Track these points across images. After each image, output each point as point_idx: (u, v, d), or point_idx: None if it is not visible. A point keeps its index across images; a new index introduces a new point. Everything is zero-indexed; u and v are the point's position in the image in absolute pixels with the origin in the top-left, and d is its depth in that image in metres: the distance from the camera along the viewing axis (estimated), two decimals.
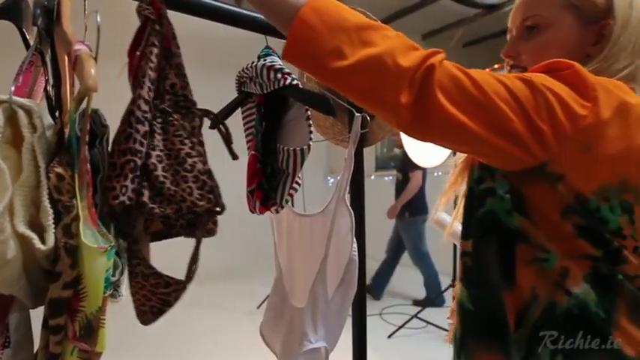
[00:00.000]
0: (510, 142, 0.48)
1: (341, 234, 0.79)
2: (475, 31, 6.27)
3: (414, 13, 5.55)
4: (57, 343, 0.51)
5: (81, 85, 0.50)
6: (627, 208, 0.51)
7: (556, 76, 0.51)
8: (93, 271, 0.49)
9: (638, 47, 0.58)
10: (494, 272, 0.58)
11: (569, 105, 0.48)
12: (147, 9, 0.61)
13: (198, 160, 0.61)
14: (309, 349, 0.77)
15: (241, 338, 2.83)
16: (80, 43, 0.53)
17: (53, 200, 0.49)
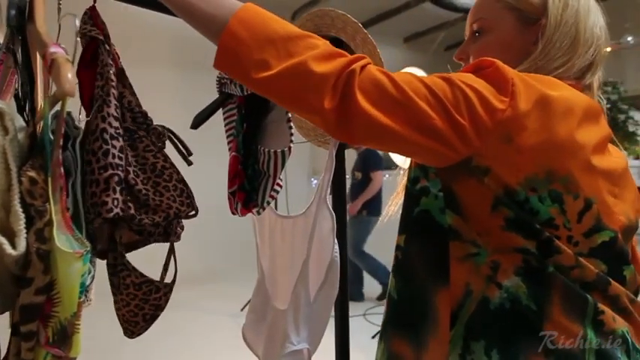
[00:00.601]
0: (432, 139, 0.49)
1: (323, 235, 0.79)
2: (456, 34, 6.39)
3: (396, 17, 5.61)
4: (29, 349, 0.49)
5: (57, 88, 0.50)
6: (557, 198, 0.52)
7: (480, 74, 0.53)
8: (68, 277, 0.49)
9: (572, 45, 0.60)
10: (423, 268, 0.60)
11: (488, 99, 0.49)
12: (92, 30, 0.62)
13: (173, 171, 0.66)
14: (292, 351, 0.77)
15: (225, 340, 2.80)
16: (56, 46, 0.53)
17: (25, 204, 0.48)
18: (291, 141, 0.78)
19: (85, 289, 0.52)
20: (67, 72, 0.49)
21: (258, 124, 0.83)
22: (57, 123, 0.51)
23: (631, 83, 4.61)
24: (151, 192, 0.62)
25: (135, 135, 0.64)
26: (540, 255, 0.52)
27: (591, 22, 0.62)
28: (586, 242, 0.53)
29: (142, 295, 0.62)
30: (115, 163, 0.57)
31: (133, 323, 0.65)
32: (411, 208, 0.62)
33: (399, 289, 0.62)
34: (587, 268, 0.53)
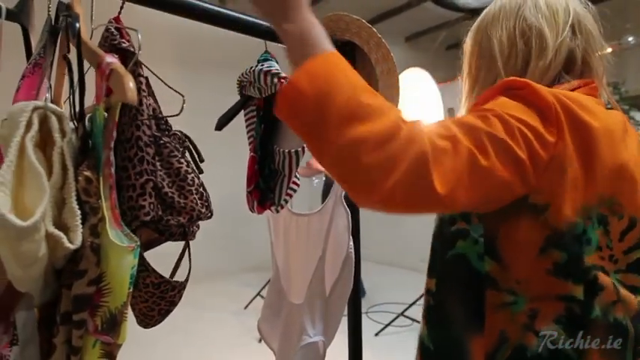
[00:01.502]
0: (498, 189, 0.48)
1: (338, 232, 0.82)
2: (457, 34, 6.37)
3: (397, 16, 5.63)
4: (79, 337, 0.53)
5: (117, 95, 0.53)
6: (602, 220, 0.52)
7: (515, 97, 0.51)
8: (119, 269, 0.52)
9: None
10: (458, 315, 0.58)
11: (541, 134, 0.48)
12: (122, 42, 0.64)
13: (194, 176, 0.70)
14: (308, 343, 0.80)
15: (228, 338, 2.83)
16: (111, 56, 0.56)
17: (80, 202, 0.51)
18: None
19: (133, 280, 0.55)
20: (129, 81, 0.53)
21: (274, 126, 0.86)
22: (108, 127, 0.54)
23: (632, 83, 4.64)
24: (176, 195, 0.65)
25: (160, 141, 0.67)
26: (585, 300, 0.51)
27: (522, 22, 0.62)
28: (624, 259, 0.53)
29: (160, 293, 0.66)
30: (150, 170, 0.60)
31: (149, 317, 0.69)
32: (444, 250, 0.59)
33: (433, 339, 0.60)
34: (629, 299, 0.52)
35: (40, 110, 0.49)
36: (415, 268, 4.72)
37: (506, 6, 0.65)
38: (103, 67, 0.55)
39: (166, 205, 0.64)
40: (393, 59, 0.92)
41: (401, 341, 2.81)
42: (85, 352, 0.54)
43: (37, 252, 0.46)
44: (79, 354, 0.54)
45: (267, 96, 0.82)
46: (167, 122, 0.70)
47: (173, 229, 0.64)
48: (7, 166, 0.44)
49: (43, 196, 0.46)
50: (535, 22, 0.61)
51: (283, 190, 0.82)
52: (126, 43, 0.65)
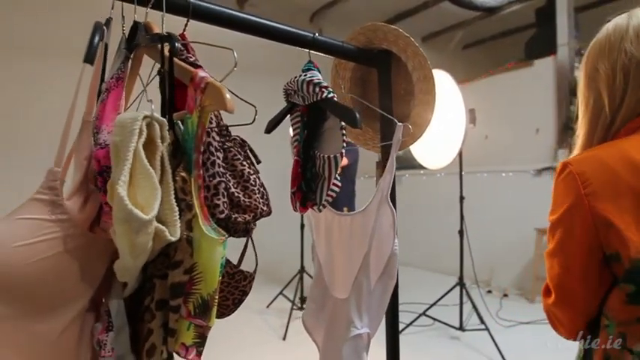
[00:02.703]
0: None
1: (383, 230, 0.87)
2: (474, 33, 6.39)
3: (414, 16, 5.65)
4: (176, 320, 0.60)
5: (215, 106, 0.60)
6: None
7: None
8: (211, 259, 0.59)
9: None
10: None
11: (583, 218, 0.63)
12: (189, 56, 0.71)
13: (256, 177, 0.76)
14: (356, 335, 0.86)
15: (253, 337, 2.91)
16: (203, 70, 0.63)
17: (177, 199, 0.58)
18: (343, 147, 0.87)
19: (223, 269, 0.62)
20: (225, 93, 0.59)
21: (316, 132, 0.92)
22: (198, 133, 0.61)
23: None
24: (241, 195, 0.71)
25: (224, 145, 0.73)
26: None
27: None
28: None
29: (234, 283, 0.72)
30: (221, 172, 0.67)
31: (224, 306, 0.75)
32: None
33: None
34: None
35: (147, 119, 0.56)
36: (435, 269, 4.74)
37: (611, 37, 0.70)
38: (197, 81, 0.62)
39: (234, 204, 0.70)
40: (430, 66, 0.97)
41: (422, 341, 2.84)
42: (181, 334, 0.61)
43: (147, 244, 0.53)
44: (175, 335, 0.61)
45: (309, 103, 0.89)
46: (227, 128, 0.77)
47: (239, 226, 0.70)
48: (127, 168, 0.51)
49: (156, 194, 0.53)
50: (635, 54, 0.67)
51: (324, 191, 0.87)
52: (192, 58, 0.72)
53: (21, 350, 0.58)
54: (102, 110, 0.64)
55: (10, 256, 0.54)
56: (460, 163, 2.95)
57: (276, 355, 2.66)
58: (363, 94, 1.14)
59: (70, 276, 0.59)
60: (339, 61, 1.11)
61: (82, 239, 0.60)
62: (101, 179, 0.62)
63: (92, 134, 0.63)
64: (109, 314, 0.64)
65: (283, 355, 2.67)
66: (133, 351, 0.66)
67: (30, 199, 0.58)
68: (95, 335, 0.64)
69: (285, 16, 4.94)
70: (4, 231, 0.55)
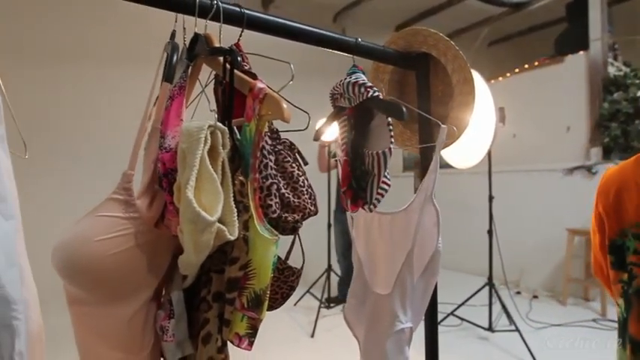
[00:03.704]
0: None
1: (426, 229, 0.90)
2: (500, 29, 6.27)
3: (438, 14, 5.59)
4: (231, 312, 0.64)
5: (274, 115, 0.64)
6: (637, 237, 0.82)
7: None
8: (265, 257, 0.63)
9: None
10: None
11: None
12: (244, 65, 0.75)
13: (304, 178, 0.79)
14: (400, 329, 0.88)
15: (281, 334, 2.96)
16: (261, 82, 0.67)
17: (235, 201, 0.62)
18: (392, 142, 0.89)
19: (275, 266, 0.66)
20: (283, 103, 0.63)
21: (363, 131, 0.95)
22: (255, 140, 0.65)
23: None
24: (291, 195, 0.75)
25: (275, 148, 0.77)
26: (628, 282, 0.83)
27: None
28: None
29: (283, 278, 0.76)
30: (273, 174, 0.71)
31: (273, 300, 0.79)
32: None
33: None
34: None
35: (211, 128, 0.61)
36: (462, 269, 4.68)
37: None
38: (255, 92, 0.66)
39: (284, 204, 0.74)
40: (470, 69, 0.98)
41: (450, 340, 2.83)
42: (235, 325, 0.66)
43: (209, 242, 0.58)
44: (229, 325, 0.66)
45: (356, 104, 0.91)
46: (278, 132, 0.81)
47: (289, 224, 0.74)
48: (194, 173, 0.56)
49: (219, 197, 0.58)
50: None
51: (374, 189, 0.89)
52: (247, 66, 0.77)
53: (98, 330, 0.65)
54: (166, 117, 0.69)
55: (93, 249, 0.60)
56: (489, 163, 2.92)
57: (306, 352, 2.70)
58: (401, 96, 1.17)
59: (140, 268, 0.64)
60: (377, 65, 1.14)
61: (150, 235, 0.65)
62: (166, 181, 0.67)
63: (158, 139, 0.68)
64: (170, 303, 0.69)
65: (312, 351, 2.71)
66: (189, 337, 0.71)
67: (108, 199, 0.64)
68: (158, 321, 0.70)
69: (308, 16, 4.98)
70: (87, 227, 0.61)
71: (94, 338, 0.66)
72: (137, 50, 3.45)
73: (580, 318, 3.20)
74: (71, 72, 3.78)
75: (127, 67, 3.77)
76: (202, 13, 0.74)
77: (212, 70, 0.78)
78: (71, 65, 3.80)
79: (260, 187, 0.70)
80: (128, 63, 3.79)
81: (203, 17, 0.74)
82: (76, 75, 3.79)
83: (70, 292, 0.65)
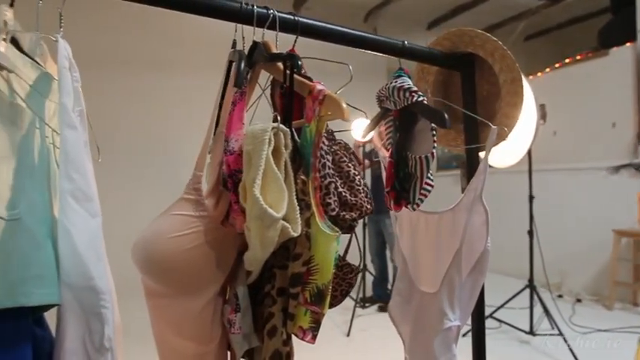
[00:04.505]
0: None
1: (475, 228, 0.90)
2: (537, 23, 6.05)
3: (471, 10, 5.47)
4: (294, 306, 0.68)
5: (334, 115, 0.68)
6: None
7: None
8: (327, 253, 0.66)
9: None
10: None
11: None
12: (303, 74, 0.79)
13: (360, 177, 0.81)
14: (448, 327, 0.90)
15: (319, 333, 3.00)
16: (320, 84, 0.71)
17: (298, 199, 0.66)
18: (434, 147, 0.90)
19: (336, 262, 0.70)
20: (343, 103, 0.67)
21: (408, 134, 0.97)
22: (315, 140, 0.69)
23: None
24: (348, 194, 0.78)
25: (331, 149, 0.80)
26: None
27: None
28: None
29: (342, 275, 0.79)
30: (331, 173, 0.74)
31: (333, 297, 0.82)
32: None
33: None
34: None
35: (274, 129, 0.65)
36: (500, 271, 4.57)
37: None
38: (315, 94, 0.70)
39: (341, 203, 0.77)
40: (519, 69, 0.98)
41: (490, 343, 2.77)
42: (299, 318, 0.69)
43: (275, 238, 0.62)
44: (294, 319, 0.70)
45: (401, 108, 0.93)
46: (333, 133, 0.84)
47: (346, 223, 0.77)
48: (260, 173, 0.60)
49: (284, 195, 0.62)
50: None
51: (417, 190, 0.91)
52: (303, 70, 0.80)
53: (172, 322, 0.70)
54: (229, 121, 0.74)
55: (167, 245, 0.65)
56: (529, 162, 2.85)
57: (342, 351, 2.73)
58: (445, 96, 1.17)
59: (209, 263, 0.69)
60: (422, 66, 1.15)
61: (217, 233, 0.70)
62: (231, 181, 0.71)
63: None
64: (236, 297, 0.73)
65: (348, 351, 2.74)
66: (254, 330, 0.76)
67: (180, 198, 0.69)
68: (225, 315, 0.75)
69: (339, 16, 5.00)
70: (163, 224, 0.67)
71: (169, 329, 0.72)
72: (200, 59, 3.78)
73: (628, 324, 3.05)
74: (141, 80, 4.05)
75: (191, 74, 4.06)
76: (259, 22, 0.78)
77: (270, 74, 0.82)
78: (141, 74, 4.06)
79: (320, 186, 0.74)
80: (192, 71, 4.05)
81: (260, 26, 0.79)
82: (145, 83, 4.06)
83: (147, 286, 0.71)
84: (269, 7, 0.80)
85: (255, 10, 0.77)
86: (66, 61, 0.64)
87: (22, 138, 0.57)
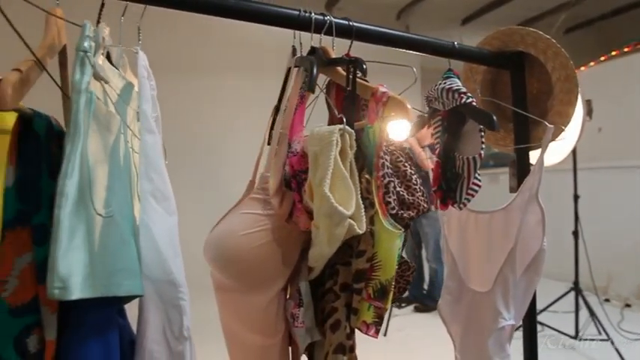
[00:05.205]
0: None
1: (530, 227, 0.90)
2: (579, 14, 5.80)
3: (507, 4, 5.32)
4: (358, 301, 0.71)
5: (398, 116, 0.70)
6: None
7: None
8: (390, 250, 0.69)
9: None
10: None
11: None
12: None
13: (417, 177, 0.82)
14: (503, 326, 0.90)
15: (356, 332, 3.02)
16: (383, 86, 0.73)
17: (362, 198, 0.69)
18: (482, 148, 0.91)
19: (399, 259, 0.73)
20: (407, 104, 0.69)
21: (455, 135, 0.97)
22: (379, 140, 0.72)
23: None
24: (405, 193, 0.80)
25: (388, 149, 0.82)
26: None
27: None
28: None
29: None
30: (389, 173, 0.77)
31: None
32: None
33: None
34: None
35: (341, 131, 0.68)
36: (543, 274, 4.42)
37: None
38: (378, 96, 0.73)
39: (399, 202, 0.79)
40: (572, 66, 0.96)
41: None
42: (362, 313, 0.72)
43: (342, 235, 0.65)
44: (357, 314, 0.73)
45: (449, 109, 0.94)
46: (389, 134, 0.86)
47: (404, 221, 0.79)
48: (329, 173, 0.63)
49: (352, 194, 0.65)
50: None
51: (464, 190, 0.92)
52: (359, 74, 0.83)
53: (240, 315, 0.75)
54: (292, 124, 0.77)
55: (239, 242, 0.70)
56: (574, 160, 2.75)
57: (378, 351, 2.74)
58: (493, 95, 1.17)
59: (276, 259, 0.73)
60: (470, 66, 1.15)
61: (284, 231, 0.74)
62: (294, 181, 0.75)
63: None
64: (299, 293, 0.77)
65: (385, 351, 2.74)
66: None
67: (249, 198, 0.74)
68: (288, 310, 0.78)
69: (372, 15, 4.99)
70: (234, 222, 0.71)
71: (237, 322, 0.77)
72: (257, 64, 4.02)
73: None
74: (205, 83, 4.21)
75: (252, 79, 4.16)
76: (317, 28, 0.82)
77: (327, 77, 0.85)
78: (206, 78, 4.23)
79: (381, 185, 0.76)
80: (252, 75, 4.19)
81: (317, 32, 0.82)
82: (209, 86, 4.20)
83: (217, 280, 0.76)
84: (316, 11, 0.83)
85: (312, 17, 0.81)
86: (145, 70, 0.69)
87: (113, 142, 0.63)
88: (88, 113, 0.54)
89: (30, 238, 0.56)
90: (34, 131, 0.56)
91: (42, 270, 0.57)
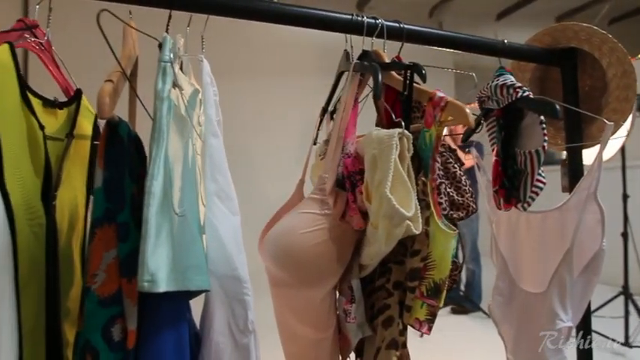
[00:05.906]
0: None
1: (588, 227, 0.88)
2: (624, 4, 5.52)
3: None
4: (412, 299, 0.73)
5: (458, 120, 0.72)
6: None
7: None
8: (445, 250, 0.71)
9: None
10: None
11: None
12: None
13: (465, 178, 0.83)
14: (561, 327, 0.88)
15: None
16: (441, 91, 0.75)
17: (419, 199, 0.71)
18: (545, 140, 0.88)
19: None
20: (466, 109, 0.71)
21: (514, 131, 0.96)
22: (436, 143, 0.73)
23: None
24: (455, 194, 0.80)
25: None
26: None
27: None
28: None
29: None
30: (441, 174, 0.78)
31: None
32: None
33: None
34: None
35: (400, 134, 0.70)
36: None
37: None
38: (436, 100, 0.74)
39: (450, 203, 0.80)
40: (630, 61, 0.93)
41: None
42: (415, 311, 0.74)
43: (400, 235, 0.66)
44: (410, 311, 0.74)
45: (504, 105, 0.93)
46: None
47: (454, 222, 0.80)
48: (390, 175, 0.65)
49: (412, 195, 0.66)
50: None
51: (528, 187, 0.90)
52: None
53: (295, 309, 0.78)
54: (347, 126, 0.80)
55: (298, 240, 0.73)
56: (622, 157, 2.63)
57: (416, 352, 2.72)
58: (542, 93, 1.15)
59: (332, 257, 0.75)
60: (518, 64, 1.13)
61: (339, 229, 0.76)
62: (349, 182, 0.77)
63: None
64: (351, 289, 0.79)
65: (422, 352, 2.71)
66: None
67: (307, 198, 0.76)
68: (340, 305, 0.81)
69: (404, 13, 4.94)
70: (293, 221, 0.74)
71: (292, 316, 0.80)
72: (299, 66, 4.15)
73: None
74: (250, 85, 4.33)
75: (295, 80, 4.27)
76: (368, 32, 0.84)
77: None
78: (248, 80, 4.36)
79: (436, 187, 0.77)
80: (293, 77, 4.30)
81: (369, 35, 0.84)
82: (253, 88, 4.30)
83: (274, 276, 0.79)
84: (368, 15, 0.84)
85: (365, 20, 0.83)
86: (208, 77, 0.74)
87: (184, 145, 0.67)
88: (169, 118, 0.59)
89: (115, 234, 0.61)
90: (120, 136, 0.61)
91: (125, 264, 0.62)
